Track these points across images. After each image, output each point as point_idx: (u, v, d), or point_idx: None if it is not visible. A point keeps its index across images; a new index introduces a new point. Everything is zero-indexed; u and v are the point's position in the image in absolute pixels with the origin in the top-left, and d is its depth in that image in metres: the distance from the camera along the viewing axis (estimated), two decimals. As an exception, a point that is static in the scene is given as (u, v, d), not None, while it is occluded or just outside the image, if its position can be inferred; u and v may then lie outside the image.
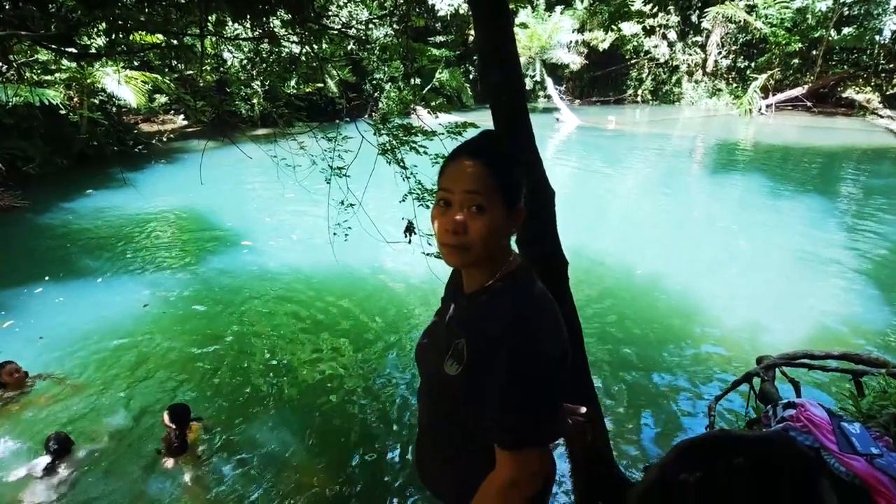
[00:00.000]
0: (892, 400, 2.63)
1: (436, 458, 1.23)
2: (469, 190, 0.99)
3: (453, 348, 1.04)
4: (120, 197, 9.79)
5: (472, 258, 1.02)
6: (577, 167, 13.31)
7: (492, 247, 1.02)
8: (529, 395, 0.96)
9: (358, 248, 4.44)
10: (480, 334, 1.01)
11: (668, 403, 4.10)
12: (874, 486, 1.92)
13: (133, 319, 5.39)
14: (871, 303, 5.57)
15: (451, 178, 1.02)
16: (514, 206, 1.03)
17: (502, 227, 1.01)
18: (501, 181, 1.00)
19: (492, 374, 0.97)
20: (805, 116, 19.13)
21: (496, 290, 1.05)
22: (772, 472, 2.15)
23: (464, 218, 0.99)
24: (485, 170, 0.99)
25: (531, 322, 0.99)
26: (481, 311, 1.04)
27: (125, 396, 4.16)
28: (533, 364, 0.96)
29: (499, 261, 1.07)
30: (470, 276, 1.10)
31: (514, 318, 0.98)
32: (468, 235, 0.99)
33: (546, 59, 22.37)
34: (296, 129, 4.60)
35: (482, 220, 0.98)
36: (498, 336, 0.97)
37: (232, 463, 3.49)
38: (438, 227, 1.03)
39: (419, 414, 1.29)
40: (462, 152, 1.04)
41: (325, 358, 4.74)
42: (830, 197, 9.88)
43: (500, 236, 1.02)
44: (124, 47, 4.45)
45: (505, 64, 1.97)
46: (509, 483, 1.00)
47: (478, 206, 0.98)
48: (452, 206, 1.00)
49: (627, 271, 6.53)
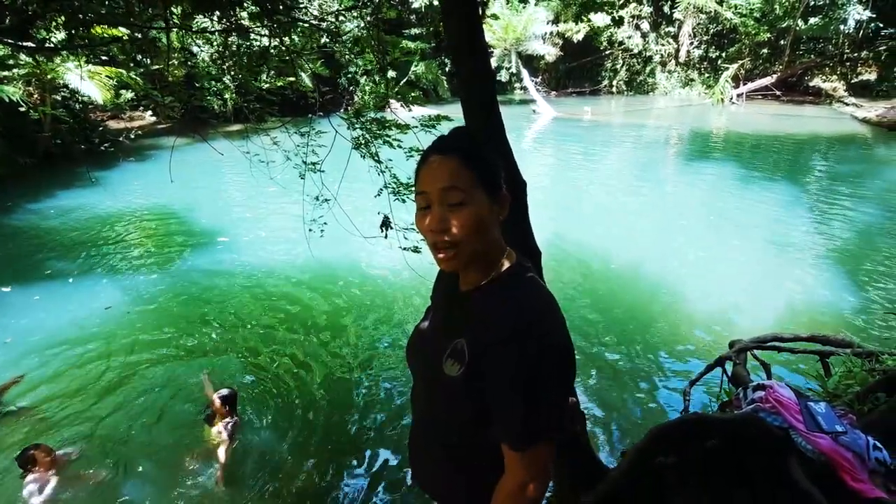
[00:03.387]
0: (856, 379, 2.72)
1: (430, 458, 1.20)
2: (445, 187, 0.97)
3: (452, 348, 1.02)
4: (88, 196, 9.52)
5: (465, 257, 0.99)
6: (553, 158, 13.40)
7: (481, 240, 0.99)
8: (542, 391, 0.93)
9: (334, 243, 4.40)
10: (484, 333, 0.98)
11: (645, 389, 4.17)
12: (839, 462, 1.99)
13: (101, 321, 5.25)
14: (839, 285, 5.75)
15: (426, 180, 1.00)
16: (496, 193, 1.01)
17: (486, 217, 0.99)
18: (476, 170, 0.98)
19: (499, 372, 0.94)
20: (775, 105, 19.56)
21: (496, 288, 1.03)
22: (743, 452, 2.21)
23: (445, 216, 0.97)
24: (457, 163, 0.97)
25: (540, 318, 0.96)
26: (483, 309, 1.02)
27: (94, 400, 4.05)
28: (546, 360, 0.93)
29: (494, 256, 1.05)
30: (466, 274, 1.07)
31: (522, 314, 0.96)
32: (453, 232, 0.96)
33: (521, 50, 22.42)
34: (268, 125, 4.52)
35: (464, 214, 0.96)
36: (506, 334, 0.94)
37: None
38: (424, 231, 1.00)
39: (413, 414, 1.26)
40: (431, 151, 1.02)
41: (303, 354, 4.69)
42: (800, 183, 10.14)
43: (488, 227, 1.00)
44: (86, 41, 4.32)
45: (476, 55, 1.96)
46: (521, 485, 0.98)
47: (458, 200, 0.96)
48: (432, 206, 0.98)
49: (603, 260, 6.62)
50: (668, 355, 4.57)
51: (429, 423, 1.19)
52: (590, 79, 25.16)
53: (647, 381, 4.27)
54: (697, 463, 2.33)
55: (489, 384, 0.97)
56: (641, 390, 4.16)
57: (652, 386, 4.20)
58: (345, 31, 4.98)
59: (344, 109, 16.82)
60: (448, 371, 1.02)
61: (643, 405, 4.01)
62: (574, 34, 22.29)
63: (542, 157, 13.38)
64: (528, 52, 22.65)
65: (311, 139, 3.80)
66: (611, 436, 3.65)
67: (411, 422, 1.27)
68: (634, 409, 3.94)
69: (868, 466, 1.99)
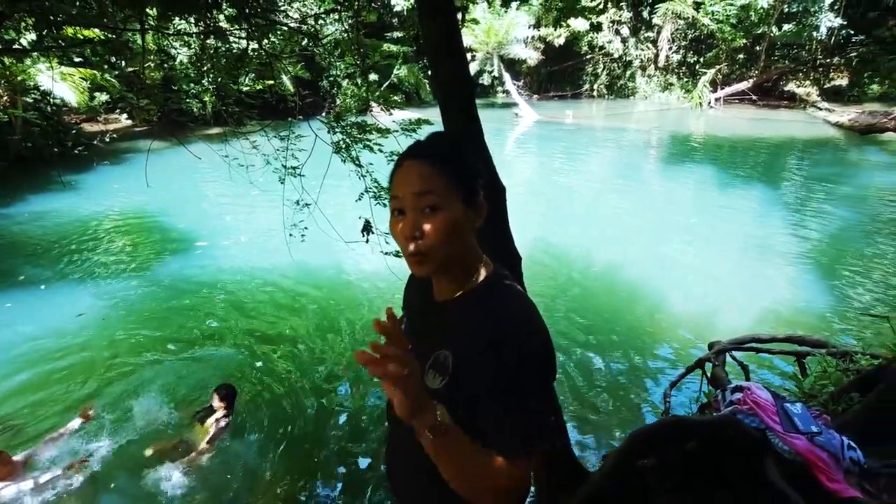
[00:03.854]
0: (831, 379, 2.77)
1: (406, 471, 1.17)
2: (418, 192, 0.94)
3: (433, 360, 0.99)
4: (61, 200, 9.28)
5: (437, 262, 0.96)
6: (536, 161, 13.49)
7: (455, 247, 0.97)
8: (522, 399, 0.91)
9: (315, 248, 4.35)
10: (463, 345, 0.96)
11: (626, 392, 4.20)
12: (815, 462, 2.02)
13: (75, 328, 5.12)
14: (815, 285, 5.88)
15: (399, 184, 0.98)
16: (472, 200, 0.99)
17: (462, 223, 0.96)
18: (451, 175, 0.96)
19: (479, 383, 0.92)
20: (751, 109, 19.96)
21: (473, 298, 1.01)
22: (721, 455, 2.23)
23: (418, 221, 0.95)
24: (431, 167, 0.95)
25: (518, 328, 0.94)
26: (461, 320, 0.99)
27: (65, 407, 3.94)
28: (525, 368, 0.92)
29: (469, 264, 1.03)
30: (441, 283, 1.05)
31: (499, 325, 0.94)
32: (426, 239, 0.94)
33: (503, 54, 22.56)
34: (248, 128, 4.46)
35: (437, 220, 0.94)
36: (482, 346, 0.92)
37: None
38: (397, 237, 0.98)
39: (389, 426, 1.22)
40: (406, 156, 1.00)
41: (284, 361, 4.63)
42: (776, 186, 10.36)
43: (462, 234, 0.97)
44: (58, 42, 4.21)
45: (453, 58, 1.95)
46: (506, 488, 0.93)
47: (430, 206, 0.94)
48: (405, 212, 0.96)
49: (584, 263, 6.67)
50: (649, 357, 4.62)
51: (406, 435, 1.15)
52: (571, 82, 25.40)
53: (628, 383, 4.30)
54: (677, 465, 2.35)
55: (470, 394, 0.94)
56: (622, 393, 4.19)
57: (633, 388, 4.24)
58: (325, 35, 4.95)
59: (325, 113, 16.71)
60: (430, 383, 0.99)
61: (624, 408, 4.03)
62: (555, 38, 22.50)
63: (524, 160, 13.45)
64: (510, 56, 22.79)
65: (292, 143, 3.76)
66: (592, 439, 3.66)
67: (388, 434, 1.24)
68: (615, 412, 3.96)
69: (843, 466, 2.02)
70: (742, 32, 19.81)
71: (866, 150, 12.95)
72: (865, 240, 7.25)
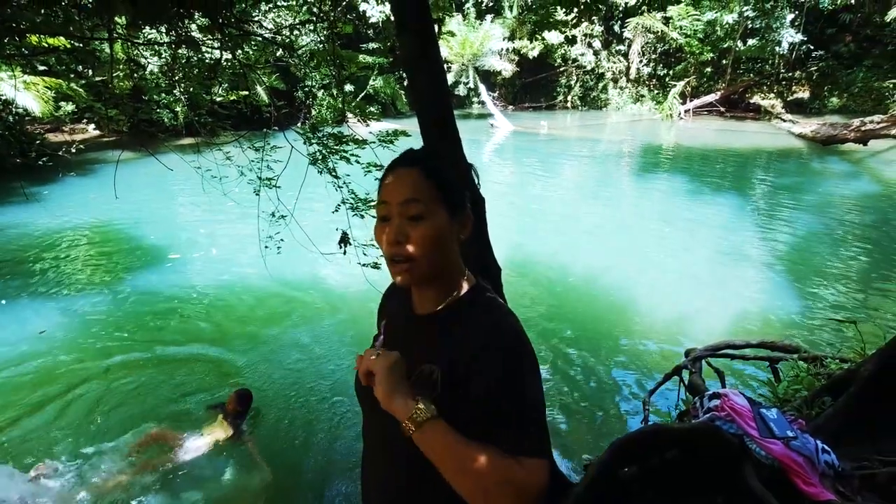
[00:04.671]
0: (804, 384, 2.82)
1: (385, 493, 1.11)
2: (404, 200, 0.96)
3: (417, 374, 0.97)
4: (24, 213, 8.95)
5: (420, 271, 0.97)
6: (511, 171, 13.60)
7: (438, 258, 0.97)
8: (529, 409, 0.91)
9: (291, 260, 4.29)
10: (457, 357, 0.94)
11: (606, 401, 4.22)
12: (791, 466, 2.05)
13: (36, 346, 4.92)
14: (785, 291, 6.03)
15: (387, 191, 0.98)
16: (457, 211, 1.00)
17: (446, 234, 0.97)
18: (438, 186, 0.97)
19: (480, 394, 0.90)
20: (719, 121, 20.57)
21: (461, 311, 1.00)
22: (700, 461, 2.25)
23: (403, 228, 0.95)
24: (419, 177, 0.97)
25: (514, 336, 0.95)
26: (450, 333, 0.98)
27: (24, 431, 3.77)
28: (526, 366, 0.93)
29: (452, 277, 1.02)
30: (423, 295, 1.04)
31: (495, 337, 0.93)
32: (410, 245, 0.95)
33: (479, 66, 22.83)
34: (221, 139, 4.38)
35: (422, 228, 0.95)
36: (480, 357, 0.91)
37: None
38: (381, 243, 0.99)
39: (365, 449, 1.17)
40: (395, 164, 1.01)
41: (259, 376, 4.52)
42: (745, 195, 10.66)
43: (445, 244, 0.98)
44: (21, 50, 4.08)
45: (431, 68, 1.95)
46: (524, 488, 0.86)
47: (417, 214, 0.95)
48: (391, 219, 0.97)
49: (561, 272, 6.72)
50: (627, 366, 4.66)
51: (386, 458, 1.10)
52: (545, 94, 25.81)
53: (607, 392, 4.33)
54: (658, 473, 2.36)
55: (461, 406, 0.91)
56: (601, 402, 4.21)
57: (611, 397, 4.26)
58: (300, 45, 4.91)
59: (301, 123, 16.58)
60: None
61: (604, 417, 4.05)
62: (529, 51, 22.87)
63: (500, 170, 13.55)
64: (486, 68, 23.09)
65: (267, 154, 3.71)
66: (572, 449, 3.66)
67: (362, 457, 1.18)
68: (595, 422, 3.98)
69: (818, 469, 2.05)
70: (709, 47, 20.47)
71: (828, 160, 13.45)
72: (831, 246, 7.50)
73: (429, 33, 1.93)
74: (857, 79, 19.12)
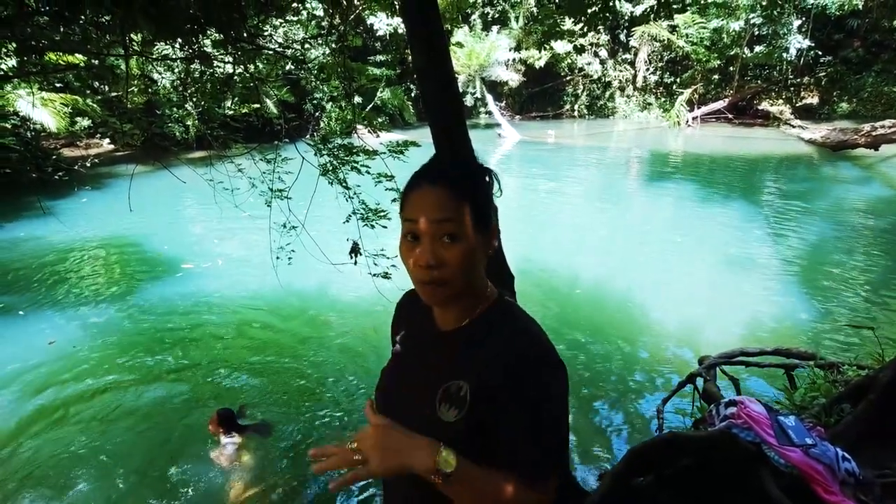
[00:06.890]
0: (821, 391, 2.79)
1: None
2: (437, 219, 0.91)
3: (445, 392, 0.96)
4: (40, 227, 9.09)
5: (452, 291, 0.95)
6: (519, 180, 13.61)
7: (471, 277, 0.96)
8: (553, 427, 0.91)
9: (303, 271, 4.31)
10: (486, 373, 0.93)
11: (620, 409, 4.18)
12: (811, 474, 2.02)
13: (49, 356, 4.98)
14: (798, 298, 5.96)
15: (416, 209, 0.94)
16: (488, 226, 0.97)
17: (479, 252, 0.95)
18: (469, 203, 0.93)
19: (508, 409, 0.90)
20: (727, 128, 20.49)
21: (487, 324, 0.99)
22: (718, 469, 2.22)
23: (437, 250, 0.91)
24: (449, 194, 0.92)
25: (546, 347, 0.94)
26: (478, 348, 0.97)
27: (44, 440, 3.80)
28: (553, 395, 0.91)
29: (477, 291, 1.01)
30: (448, 312, 1.02)
31: (526, 351, 0.93)
32: (445, 269, 0.91)
33: (485, 76, 22.94)
34: (233, 151, 4.44)
35: (457, 249, 0.91)
36: (511, 372, 0.91)
37: None
38: (411, 263, 0.95)
39: None
40: (421, 179, 0.96)
41: (271, 387, 4.53)
42: (755, 201, 10.58)
43: (477, 262, 0.96)
44: (40, 68, 4.18)
45: (438, 76, 1.97)
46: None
47: (450, 234, 0.91)
48: (421, 238, 0.93)
49: (571, 281, 6.69)
50: (640, 374, 4.62)
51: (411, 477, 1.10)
52: (552, 103, 25.86)
53: (620, 400, 4.29)
54: (674, 481, 2.33)
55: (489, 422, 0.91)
56: (617, 410, 4.17)
57: (625, 406, 4.22)
58: (310, 59, 4.98)
59: (310, 135, 16.73)
60: (445, 417, 0.95)
61: (618, 426, 4.01)
62: (536, 61, 22.96)
63: (508, 179, 13.55)
64: (492, 78, 23.19)
65: (278, 166, 3.76)
66: (587, 458, 3.63)
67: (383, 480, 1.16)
68: (609, 431, 3.94)
69: (839, 478, 2.02)
70: (716, 54, 20.44)
71: (839, 166, 13.33)
72: (843, 252, 7.41)
73: (434, 41, 1.95)
74: (867, 84, 18.99)
